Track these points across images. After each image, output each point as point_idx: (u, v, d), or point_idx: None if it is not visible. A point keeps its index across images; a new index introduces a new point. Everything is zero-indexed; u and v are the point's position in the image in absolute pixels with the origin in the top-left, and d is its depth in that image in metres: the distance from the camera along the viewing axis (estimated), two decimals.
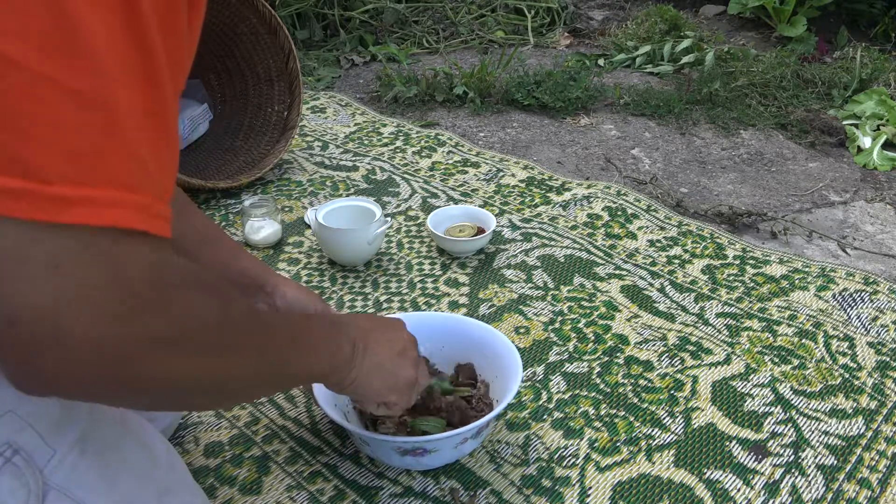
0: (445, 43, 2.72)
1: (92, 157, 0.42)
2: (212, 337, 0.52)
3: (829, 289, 1.34)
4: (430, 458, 0.89)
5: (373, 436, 0.87)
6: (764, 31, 2.86)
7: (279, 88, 1.78)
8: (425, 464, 0.91)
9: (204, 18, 0.54)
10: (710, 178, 1.81)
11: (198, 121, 1.77)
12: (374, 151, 1.87)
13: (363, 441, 0.89)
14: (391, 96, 2.20)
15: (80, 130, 0.42)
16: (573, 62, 2.53)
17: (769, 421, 1.04)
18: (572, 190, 1.69)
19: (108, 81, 0.42)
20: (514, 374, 0.93)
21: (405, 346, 0.81)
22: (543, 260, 1.41)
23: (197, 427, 1.01)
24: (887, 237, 1.56)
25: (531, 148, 1.95)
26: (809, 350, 1.19)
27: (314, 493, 0.91)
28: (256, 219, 1.43)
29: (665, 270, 1.39)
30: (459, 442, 0.88)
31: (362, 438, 0.88)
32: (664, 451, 0.99)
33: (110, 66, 0.42)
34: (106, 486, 0.62)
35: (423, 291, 1.31)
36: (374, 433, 0.89)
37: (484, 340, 1.01)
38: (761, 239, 1.53)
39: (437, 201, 1.62)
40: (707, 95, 2.21)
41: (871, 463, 0.98)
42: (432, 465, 0.92)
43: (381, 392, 0.78)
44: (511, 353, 0.97)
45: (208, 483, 0.92)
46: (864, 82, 2.21)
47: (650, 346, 1.19)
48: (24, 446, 0.57)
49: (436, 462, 0.91)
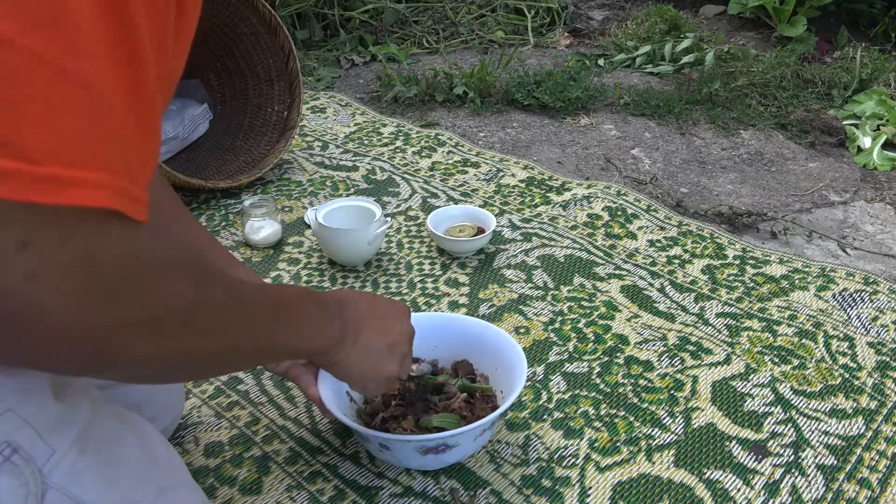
0: (445, 43, 2.72)
1: (73, 138, 0.42)
2: (186, 318, 0.52)
3: (829, 289, 1.34)
4: (450, 454, 0.89)
5: (396, 437, 0.87)
6: (764, 31, 2.86)
7: (279, 88, 1.78)
8: (444, 461, 0.91)
9: (204, 19, 0.54)
10: (710, 178, 1.81)
11: (198, 121, 1.77)
12: (374, 151, 1.87)
13: (383, 446, 0.88)
14: (391, 96, 2.20)
15: (63, 109, 0.41)
16: (573, 62, 2.53)
17: (769, 421, 1.04)
18: (572, 190, 1.69)
19: (92, 60, 0.42)
20: (516, 361, 0.94)
21: (397, 339, 0.81)
22: (543, 260, 1.41)
23: (197, 427, 1.01)
24: (887, 237, 1.56)
25: (531, 148, 1.95)
26: (809, 350, 1.19)
27: (314, 493, 0.91)
28: (256, 219, 1.43)
29: (665, 270, 1.39)
30: (479, 434, 0.89)
31: (383, 443, 0.87)
32: (664, 451, 0.99)
33: (95, 43, 0.42)
34: (105, 485, 0.61)
35: (423, 291, 1.31)
36: (396, 435, 0.89)
37: (478, 335, 1.02)
38: (761, 239, 1.53)
39: (437, 201, 1.62)
40: (707, 95, 2.21)
41: (871, 463, 0.98)
42: (452, 460, 0.92)
43: (361, 380, 0.80)
44: (507, 341, 0.98)
45: (208, 483, 0.92)
46: (864, 82, 2.21)
47: (650, 346, 1.19)
48: (23, 445, 0.57)
49: (455, 457, 0.91)
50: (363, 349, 0.77)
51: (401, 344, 0.82)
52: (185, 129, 1.73)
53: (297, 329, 0.69)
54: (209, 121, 1.82)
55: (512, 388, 0.91)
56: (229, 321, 0.57)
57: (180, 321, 0.52)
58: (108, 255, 0.45)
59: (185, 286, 0.52)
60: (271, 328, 0.64)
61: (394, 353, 0.81)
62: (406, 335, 0.83)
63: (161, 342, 0.51)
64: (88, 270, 0.44)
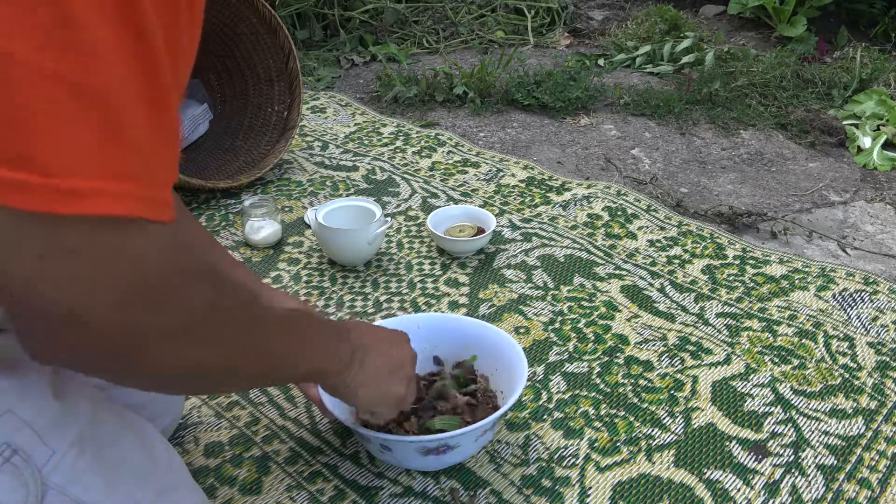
0: (445, 43, 2.72)
1: (89, 151, 0.42)
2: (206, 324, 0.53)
3: (829, 289, 1.34)
4: (451, 455, 0.89)
5: (397, 438, 0.87)
6: (764, 31, 2.86)
7: (279, 88, 1.78)
8: (446, 461, 0.91)
9: (204, 19, 0.54)
10: (710, 178, 1.81)
11: (198, 121, 1.77)
12: (374, 151, 1.87)
13: (384, 447, 0.88)
14: (391, 96, 2.20)
15: (79, 124, 0.42)
16: (573, 62, 2.53)
17: (769, 421, 1.04)
18: (572, 190, 1.69)
19: (106, 70, 0.42)
20: (516, 362, 0.94)
21: (402, 363, 0.82)
22: (543, 260, 1.41)
23: (197, 427, 1.01)
24: (887, 237, 1.56)
25: (531, 148, 1.95)
26: (809, 350, 1.19)
27: (314, 493, 0.91)
28: (256, 219, 1.43)
29: (665, 270, 1.39)
30: (480, 434, 0.89)
31: (384, 444, 0.87)
32: (664, 451, 0.99)
33: (108, 54, 0.42)
34: (105, 485, 0.61)
35: (423, 291, 1.31)
36: (397, 436, 0.89)
37: (478, 335, 1.02)
38: (761, 239, 1.53)
39: (437, 201, 1.62)
40: (707, 95, 2.21)
41: (871, 463, 0.98)
42: (453, 461, 0.92)
43: (370, 403, 0.79)
44: (507, 342, 0.98)
45: (208, 483, 0.92)
46: (864, 82, 2.21)
47: (650, 346, 1.19)
48: (23, 446, 0.57)
49: (457, 458, 0.91)
50: (370, 372, 0.77)
51: (406, 367, 0.82)
52: (185, 129, 1.73)
53: (309, 353, 0.68)
54: (209, 121, 1.82)
55: (512, 388, 0.91)
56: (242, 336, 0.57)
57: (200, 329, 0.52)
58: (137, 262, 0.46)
59: (206, 293, 0.52)
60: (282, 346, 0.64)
61: (399, 376, 0.81)
62: (409, 358, 0.83)
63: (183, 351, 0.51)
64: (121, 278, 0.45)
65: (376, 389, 0.78)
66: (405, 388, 0.81)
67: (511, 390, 0.91)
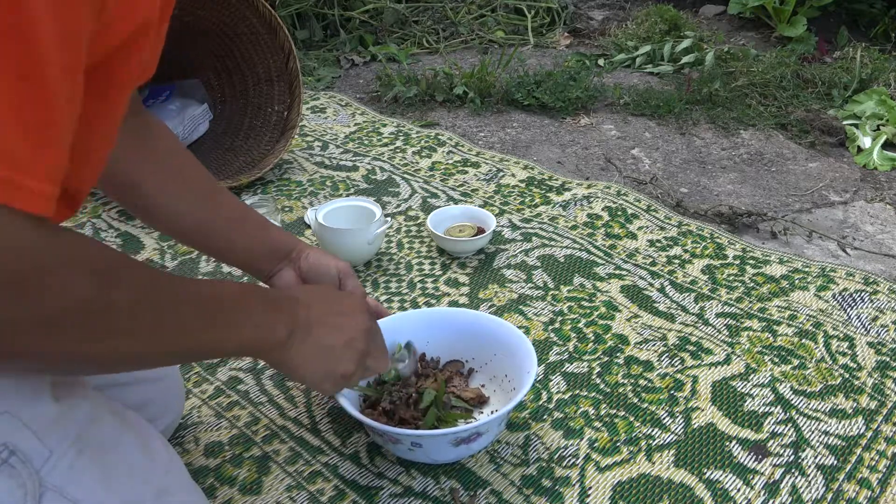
0: (445, 43, 2.72)
1: None
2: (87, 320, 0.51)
3: (829, 289, 1.34)
4: (479, 442, 0.90)
5: (430, 433, 0.87)
6: (764, 31, 2.86)
7: (279, 88, 1.78)
8: (474, 449, 0.92)
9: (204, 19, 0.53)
10: (710, 178, 1.81)
11: (198, 121, 1.77)
12: (374, 151, 1.87)
13: (415, 444, 0.87)
14: (391, 96, 2.20)
15: None
16: (573, 62, 2.53)
17: (769, 421, 1.04)
18: (572, 190, 1.69)
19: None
20: (518, 343, 0.97)
21: (354, 335, 0.78)
22: (543, 260, 1.41)
23: (197, 427, 1.01)
24: (887, 237, 1.56)
25: (531, 148, 1.95)
26: (809, 350, 1.19)
27: (314, 493, 0.91)
28: None
29: (665, 270, 1.39)
30: (504, 419, 0.90)
31: (415, 441, 0.87)
32: (664, 451, 0.99)
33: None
34: (103, 486, 0.61)
35: (423, 291, 1.31)
36: (431, 430, 0.89)
37: (470, 323, 1.04)
38: (761, 239, 1.53)
39: (437, 201, 1.62)
40: (707, 95, 2.21)
41: (871, 463, 0.98)
42: (478, 449, 0.93)
43: (314, 379, 0.76)
44: (502, 325, 1.01)
45: (208, 483, 0.92)
46: (864, 82, 2.21)
47: (650, 346, 1.19)
48: (21, 447, 0.57)
49: (481, 445, 0.92)
50: (313, 348, 0.74)
51: (358, 341, 0.78)
52: (185, 129, 1.73)
53: (232, 328, 0.65)
54: (209, 121, 1.82)
55: (521, 369, 0.93)
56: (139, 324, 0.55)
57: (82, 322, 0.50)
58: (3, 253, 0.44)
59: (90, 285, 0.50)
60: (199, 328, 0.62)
61: (350, 350, 0.77)
62: (363, 332, 0.79)
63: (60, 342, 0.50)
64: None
65: (321, 366, 0.75)
66: (354, 364, 0.78)
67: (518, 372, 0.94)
